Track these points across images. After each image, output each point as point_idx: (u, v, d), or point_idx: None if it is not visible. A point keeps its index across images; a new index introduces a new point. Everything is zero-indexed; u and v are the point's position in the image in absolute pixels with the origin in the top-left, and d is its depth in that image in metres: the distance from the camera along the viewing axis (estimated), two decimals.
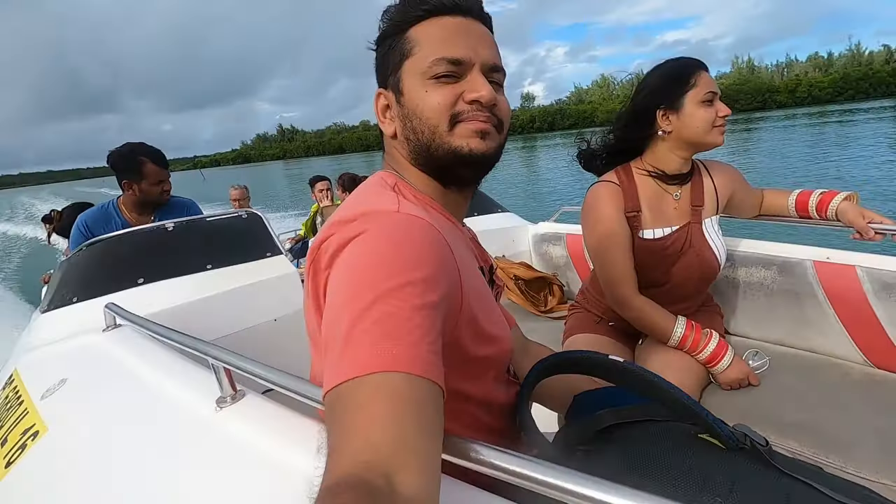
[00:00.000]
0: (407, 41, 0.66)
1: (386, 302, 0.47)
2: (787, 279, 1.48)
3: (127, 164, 2.04)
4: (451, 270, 0.57)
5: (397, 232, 0.55)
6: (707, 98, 1.25)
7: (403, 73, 0.66)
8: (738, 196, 1.47)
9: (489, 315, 0.67)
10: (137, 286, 1.56)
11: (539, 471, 0.45)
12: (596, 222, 1.37)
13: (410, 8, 0.66)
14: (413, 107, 0.65)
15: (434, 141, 0.65)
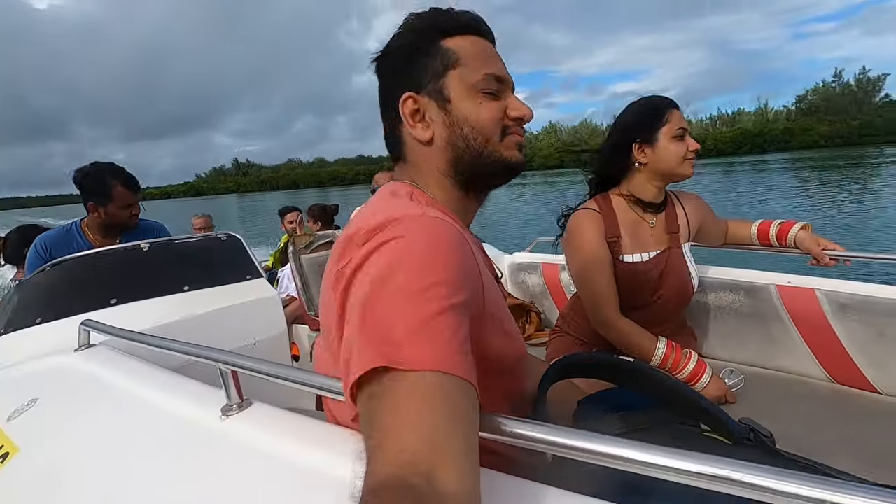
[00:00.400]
0: (449, 52, 0.69)
1: (417, 303, 0.48)
2: (754, 302, 1.58)
3: (95, 186, 1.95)
4: (475, 273, 0.59)
5: (426, 234, 0.55)
6: (678, 133, 1.37)
7: (450, 81, 0.68)
8: (707, 225, 1.58)
9: (507, 320, 0.69)
10: (110, 307, 1.48)
11: (569, 436, 0.46)
12: (579, 247, 1.44)
13: (446, 22, 0.70)
14: (465, 115, 0.68)
15: (486, 149, 0.69)
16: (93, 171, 1.97)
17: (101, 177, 1.95)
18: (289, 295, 3.68)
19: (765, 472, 0.37)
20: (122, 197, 1.97)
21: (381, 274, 0.51)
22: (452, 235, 0.56)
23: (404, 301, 0.48)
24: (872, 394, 1.35)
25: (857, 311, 1.35)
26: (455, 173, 0.71)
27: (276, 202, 62.81)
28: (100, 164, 2.02)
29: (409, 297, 0.48)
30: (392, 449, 0.41)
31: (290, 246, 3.77)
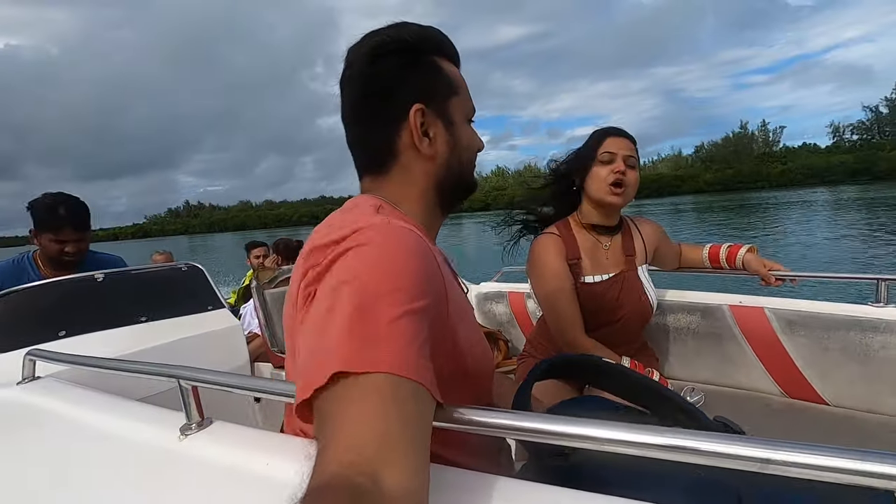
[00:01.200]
0: (449, 77, 0.72)
1: (376, 308, 0.49)
2: (710, 322, 1.65)
3: (36, 213, 1.81)
4: (438, 282, 0.60)
5: (389, 242, 0.56)
6: (605, 158, 1.43)
7: (453, 106, 0.73)
8: (662, 248, 1.66)
9: (471, 328, 0.70)
10: (57, 339, 1.41)
11: (531, 420, 0.48)
12: (542, 271, 1.49)
13: (441, 44, 0.74)
14: (465, 140, 0.75)
15: (465, 172, 0.76)
16: (43, 196, 1.86)
17: (44, 202, 1.82)
18: (251, 332, 3.56)
19: (709, 437, 0.39)
20: (54, 230, 1.81)
21: (342, 281, 0.51)
22: (416, 243, 0.57)
23: (363, 307, 0.49)
24: (822, 406, 1.41)
25: (803, 326, 1.44)
26: (439, 190, 0.74)
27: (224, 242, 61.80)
28: (48, 194, 1.91)
29: (368, 302, 0.49)
30: (339, 448, 0.41)
31: (254, 280, 3.69)
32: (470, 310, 0.75)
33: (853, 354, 1.34)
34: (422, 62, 0.70)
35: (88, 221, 1.87)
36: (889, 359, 1.28)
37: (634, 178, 1.45)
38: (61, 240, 1.81)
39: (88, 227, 1.89)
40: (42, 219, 1.81)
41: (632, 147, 1.47)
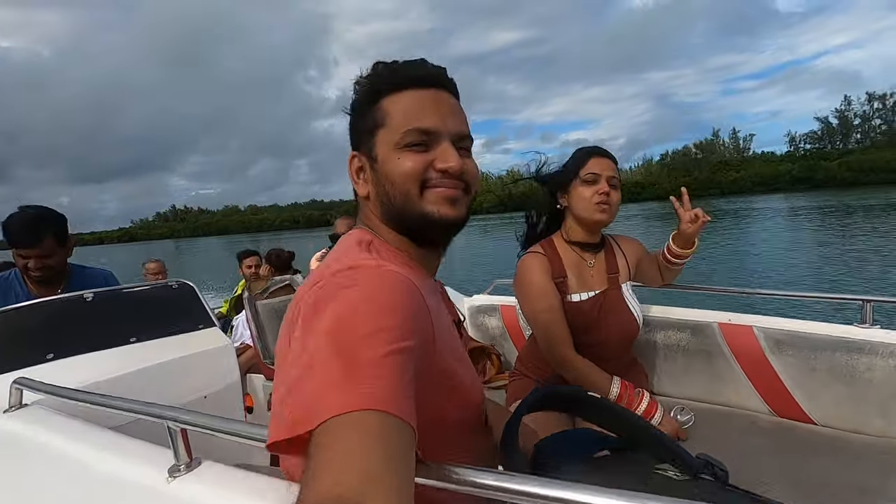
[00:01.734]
0: (380, 111, 0.70)
1: (362, 347, 0.50)
2: (699, 340, 1.66)
3: (3, 229, 1.76)
4: (424, 320, 0.61)
5: (376, 284, 0.58)
6: (588, 178, 1.45)
7: (377, 140, 0.70)
8: (644, 265, 1.67)
9: (460, 364, 0.71)
10: (46, 362, 1.39)
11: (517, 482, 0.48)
12: (530, 290, 1.50)
13: (383, 81, 0.71)
14: (386, 172, 0.69)
15: (406, 205, 0.69)
16: (15, 212, 1.79)
17: (9, 220, 1.76)
18: (243, 343, 3.54)
19: None
20: (15, 244, 1.76)
21: (329, 321, 0.53)
22: (402, 285, 0.59)
23: (348, 346, 0.50)
24: (810, 425, 1.43)
25: (791, 346, 1.45)
26: (392, 225, 0.72)
27: (208, 245, 63.24)
28: (21, 207, 1.83)
29: (353, 342, 0.51)
30: (325, 482, 0.42)
31: (246, 291, 3.67)
32: (459, 345, 0.76)
33: (840, 375, 1.36)
34: (360, 110, 0.73)
35: (44, 235, 1.76)
36: (874, 380, 1.30)
37: (617, 199, 1.47)
38: (24, 255, 1.75)
39: (52, 242, 1.79)
40: (6, 235, 1.77)
41: (614, 167, 1.49)
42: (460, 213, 0.71)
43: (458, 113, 0.73)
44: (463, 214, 0.72)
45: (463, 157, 0.71)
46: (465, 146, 0.73)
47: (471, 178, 0.72)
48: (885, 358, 1.28)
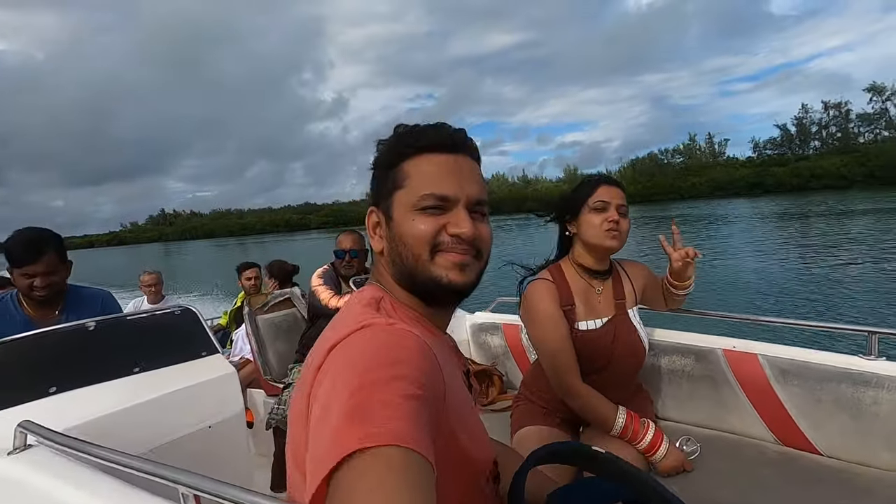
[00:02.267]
0: (401, 172, 0.72)
1: (377, 391, 0.52)
2: (704, 366, 1.66)
3: (5, 250, 1.80)
4: (436, 378, 0.62)
5: (391, 338, 0.60)
6: (597, 206, 1.46)
7: (395, 201, 0.72)
8: (650, 290, 1.67)
9: (469, 426, 0.70)
10: (48, 396, 1.38)
11: None
12: (537, 317, 1.50)
13: (405, 145, 0.73)
14: (400, 233, 0.70)
15: (417, 267, 0.70)
16: (11, 236, 1.82)
17: (9, 242, 1.79)
18: (243, 357, 3.52)
19: None
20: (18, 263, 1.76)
21: (345, 372, 0.55)
22: (414, 342, 0.61)
23: (367, 391, 0.52)
24: (816, 455, 1.43)
25: (796, 376, 1.46)
26: (403, 284, 0.73)
27: (197, 247, 66.19)
28: (21, 229, 1.86)
29: (371, 388, 0.52)
30: None
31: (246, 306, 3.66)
32: (469, 403, 0.75)
33: (845, 407, 1.36)
34: (381, 168, 0.75)
35: (46, 250, 1.78)
36: (880, 414, 1.30)
37: (627, 226, 1.48)
38: (28, 274, 1.77)
39: (55, 257, 1.81)
40: (8, 255, 1.78)
41: (623, 196, 1.50)
42: (469, 279, 0.71)
43: (475, 178, 0.74)
44: (472, 280, 0.72)
45: (477, 222, 0.72)
46: (481, 211, 0.73)
47: (483, 245, 0.73)
48: (891, 392, 1.29)
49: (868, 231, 17.13)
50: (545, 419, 1.61)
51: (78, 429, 1.31)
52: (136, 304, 4.45)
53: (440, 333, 0.77)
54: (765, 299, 8.99)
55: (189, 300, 5.35)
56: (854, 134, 70.84)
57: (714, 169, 74.95)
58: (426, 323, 0.74)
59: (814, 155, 69.30)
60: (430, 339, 0.69)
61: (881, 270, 10.14)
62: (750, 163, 76.09)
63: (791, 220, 24.85)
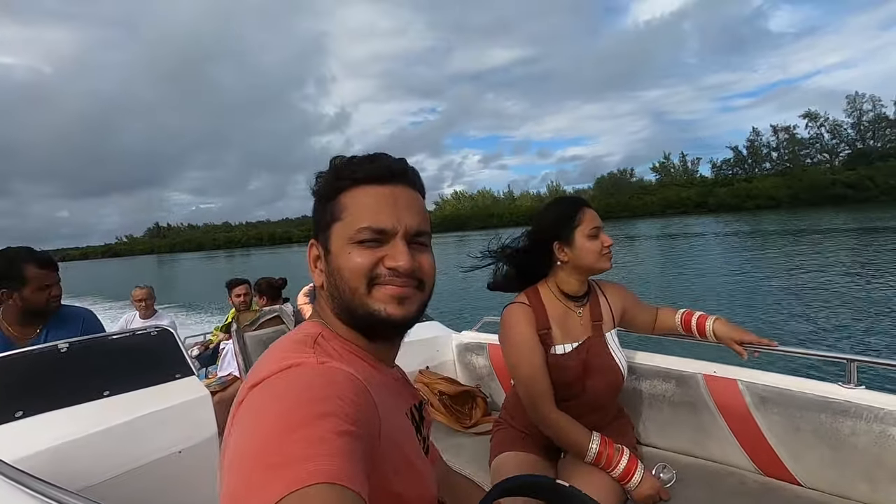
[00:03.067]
0: (338, 205, 0.70)
1: (303, 429, 0.50)
2: (684, 391, 1.64)
3: (6, 270, 1.83)
4: (372, 417, 0.60)
5: (319, 378, 0.58)
6: (592, 233, 1.46)
7: (332, 233, 0.70)
8: (630, 312, 1.66)
9: (409, 465, 0.68)
10: (14, 420, 1.36)
11: None
12: (512, 342, 1.48)
13: (342, 177, 0.71)
14: (338, 266, 0.69)
15: (354, 301, 0.68)
16: (3, 255, 1.86)
17: (11, 259, 1.84)
18: (231, 374, 3.50)
19: None
20: (38, 278, 1.86)
21: (269, 412, 0.53)
22: (345, 379, 0.59)
23: (295, 429, 0.50)
24: (795, 486, 1.40)
25: (776, 404, 1.43)
26: (343, 318, 0.71)
27: (187, 259, 67.39)
28: (10, 249, 1.91)
29: (300, 425, 0.50)
30: None
31: (235, 323, 3.64)
32: (412, 439, 0.73)
33: (824, 437, 1.33)
34: (320, 201, 0.74)
35: None
36: (859, 445, 1.27)
37: None
38: (46, 284, 1.87)
39: (58, 268, 1.96)
40: (16, 271, 1.82)
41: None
42: (408, 312, 0.70)
43: (415, 208, 0.72)
44: (412, 313, 0.70)
45: (417, 252, 0.71)
46: (422, 241, 0.72)
47: (425, 275, 0.72)
48: (868, 423, 1.26)
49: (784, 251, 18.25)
50: (524, 445, 1.58)
51: (43, 454, 1.30)
52: (129, 319, 4.43)
53: (384, 368, 0.75)
54: (734, 316, 9.06)
55: (184, 316, 5.34)
56: (801, 157, 75.23)
57: (669, 189, 79.88)
58: (368, 358, 0.72)
59: (758, 176, 73.91)
60: (369, 374, 0.67)
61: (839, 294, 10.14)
62: (701, 182, 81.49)
63: (733, 237, 26.70)
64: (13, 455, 1.23)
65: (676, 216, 62.77)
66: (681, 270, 15.62)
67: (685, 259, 18.53)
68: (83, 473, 1.33)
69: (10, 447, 1.27)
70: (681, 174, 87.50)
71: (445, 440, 2.02)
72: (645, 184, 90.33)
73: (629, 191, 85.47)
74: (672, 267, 16.81)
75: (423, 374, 2.26)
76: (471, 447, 1.90)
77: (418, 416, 0.81)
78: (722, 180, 77.10)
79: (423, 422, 0.83)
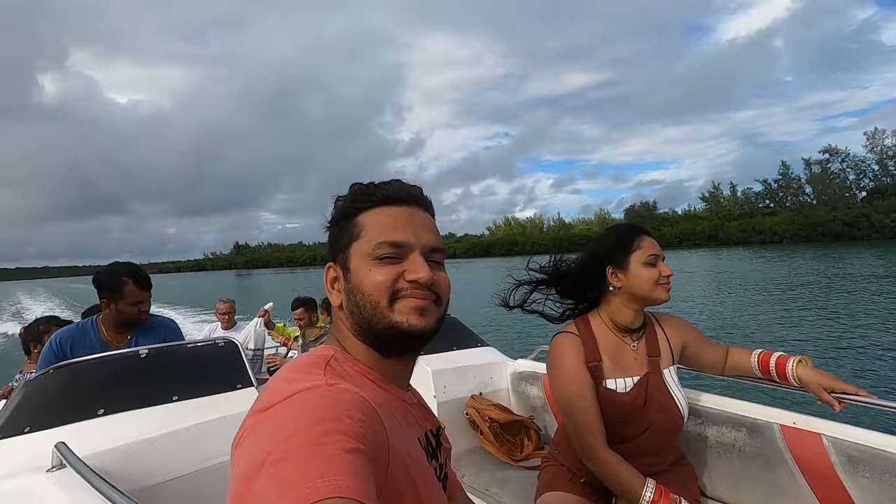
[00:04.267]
0: (356, 225, 0.73)
1: (317, 447, 0.50)
2: (757, 441, 1.46)
3: (109, 283, 2.08)
4: (378, 435, 0.59)
5: (324, 398, 0.59)
6: (650, 260, 1.39)
7: (351, 253, 0.72)
8: (692, 348, 1.53)
9: (415, 492, 0.65)
10: (96, 417, 1.51)
11: None
12: (559, 373, 1.42)
13: (360, 199, 0.74)
14: (357, 283, 0.70)
15: (375, 315, 0.69)
16: (110, 270, 2.11)
17: (116, 275, 2.09)
18: None
19: None
20: (133, 294, 2.09)
21: (277, 431, 0.53)
22: (353, 398, 0.60)
23: (306, 445, 0.50)
24: None
25: (869, 466, 1.23)
26: (361, 336, 0.72)
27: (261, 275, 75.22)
28: (117, 264, 2.16)
29: (306, 444, 0.50)
30: None
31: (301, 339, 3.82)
32: (424, 466, 0.71)
33: None
34: (337, 224, 0.76)
35: None
36: None
37: None
38: (138, 301, 2.11)
39: (150, 287, 2.19)
40: (117, 286, 2.07)
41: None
42: (429, 324, 0.71)
43: (430, 227, 0.75)
44: (432, 324, 0.71)
45: (434, 269, 0.72)
46: (437, 259, 0.74)
47: (442, 290, 0.73)
48: None
49: None
50: (572, 485, 1.50)
51: (115, 451, 1.42)
52: (212, 329, 4.80)
53: (398, 391, 0.75)
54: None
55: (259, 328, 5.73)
56: (826, 192, 72.48)
57: (689, 220, 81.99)
58: (380, 380, 0.72)
59: (780, 210, 73.67)
60: (379, 397, 0.67)
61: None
62: (711, 215, 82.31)
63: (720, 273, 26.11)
64: (92, 449, 1.37)
65: (689, 248, 65.06)
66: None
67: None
68: (146, 473, 1.43)
69: (90, 442, 1.40)
70: (732, 204, 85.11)
71: (493, 471, 1.95)
72: (667, 215, 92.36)
73: (651, 222, 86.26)
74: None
75: (475, 400, 2.21)
76: (518, 481, 1.83)
77: (435, 442, 0.80)
78: (737, 214, 77.95)
79: (440, 448, 0.81)
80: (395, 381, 0.75)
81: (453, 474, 0.88)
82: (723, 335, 9.99)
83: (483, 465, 2.03)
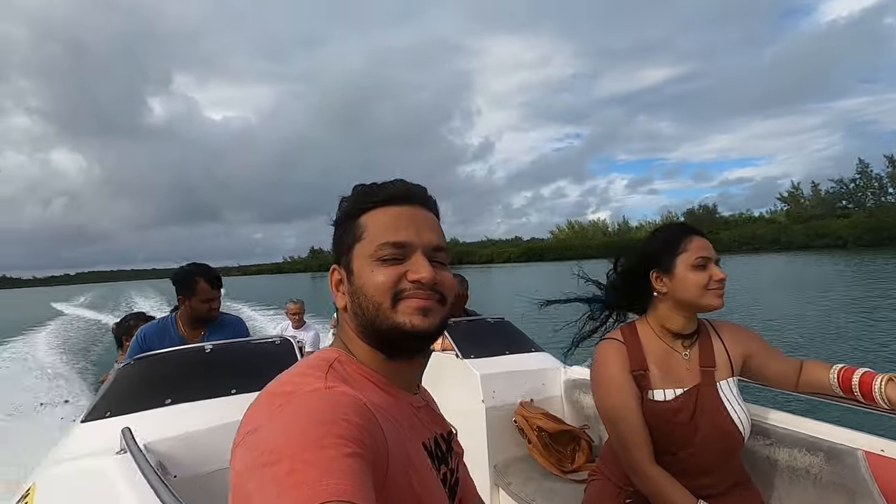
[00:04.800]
0: (358, 227, 0.73)
1: (317, 450, 0.50)
2: (837, 469, 1.29)
3: (184, 281, 2.28)
4: (377, 439, 0.59)
5: (321, 401, 0.58)
6: (698, 263, 1.28)
7: (354, 254, 0.72)
8: (757, 360, 1.38)
9: (415, 497, 0.64)
10: (164, 406, 1.65)
11: None
12: (602, 381, 1.36)
13: (362, 200, 0.74)
14: (360, 284, 0.70)
15: (378, 317, 0.69)
16: (185, 270, 2.31)
17: (189, 274, 2.28)
18: None
19: None
20: (204, 292, 2.28)
21: (274, 435, 0.53)
22: (350, 402, 0.59)
23: (305, 449, 0.50)
24: None
25: None
26: (366, 338, 0.72)
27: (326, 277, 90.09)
28: (193, 265, 2.36)
29: (305, 450, 0.50)
30: None
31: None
32: (426, 470, 0.69)
33: None
34: (341, 226, 0.76)
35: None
36: None
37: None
38: (209, 298, 2.28)
39: (221, 286, 2.37)
40: (190, 284, 2.26)
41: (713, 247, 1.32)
42: (433, 323, 0.70)
43: (433, 227, 0.74)
44: (435, 325, 0.70)
45: (437, 268, 0.71)
46: (440, 259, 0.73)
47: (445, 289, 0.72)
48: None
49: None
50: (615, 501, 1.41)
51: (177, 439, 1.54)
52: (283, 328, 5.10)
53: (403, 394, 0.74)
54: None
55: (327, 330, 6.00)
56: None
57: (754, 224, 79.38)
58: (384, 383, 0.71)
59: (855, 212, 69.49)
60: (381, 400, 0.67)
61: None
62: (773, 219, 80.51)
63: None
64: (158, 436, 1.49)
65: (748, 254, 61.43)
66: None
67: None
68: (205, 459, 1.54)
69: (157, 429, 1.53)
70: (814, 204, 78.80)
71: (540, 481, 1.89)
72: (726, 218, 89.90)
73: (710, 225, 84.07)
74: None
75: (524, 407, 2.16)
76: (565, 494, 1.76)
77: (444, 447, 0.78)
78: (807, 217, 73.84)
79: (450, 453, 0.79)
80: (401, 383, 0.75)
81: (468, 481, 0.86)
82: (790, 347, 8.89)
83: (531, 473, 1.98)
